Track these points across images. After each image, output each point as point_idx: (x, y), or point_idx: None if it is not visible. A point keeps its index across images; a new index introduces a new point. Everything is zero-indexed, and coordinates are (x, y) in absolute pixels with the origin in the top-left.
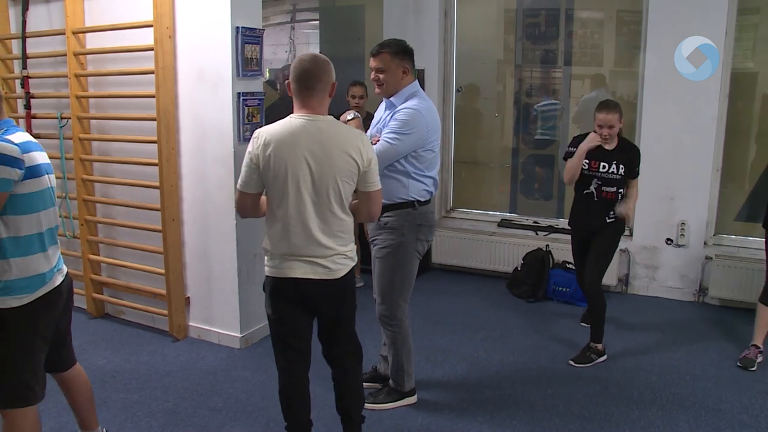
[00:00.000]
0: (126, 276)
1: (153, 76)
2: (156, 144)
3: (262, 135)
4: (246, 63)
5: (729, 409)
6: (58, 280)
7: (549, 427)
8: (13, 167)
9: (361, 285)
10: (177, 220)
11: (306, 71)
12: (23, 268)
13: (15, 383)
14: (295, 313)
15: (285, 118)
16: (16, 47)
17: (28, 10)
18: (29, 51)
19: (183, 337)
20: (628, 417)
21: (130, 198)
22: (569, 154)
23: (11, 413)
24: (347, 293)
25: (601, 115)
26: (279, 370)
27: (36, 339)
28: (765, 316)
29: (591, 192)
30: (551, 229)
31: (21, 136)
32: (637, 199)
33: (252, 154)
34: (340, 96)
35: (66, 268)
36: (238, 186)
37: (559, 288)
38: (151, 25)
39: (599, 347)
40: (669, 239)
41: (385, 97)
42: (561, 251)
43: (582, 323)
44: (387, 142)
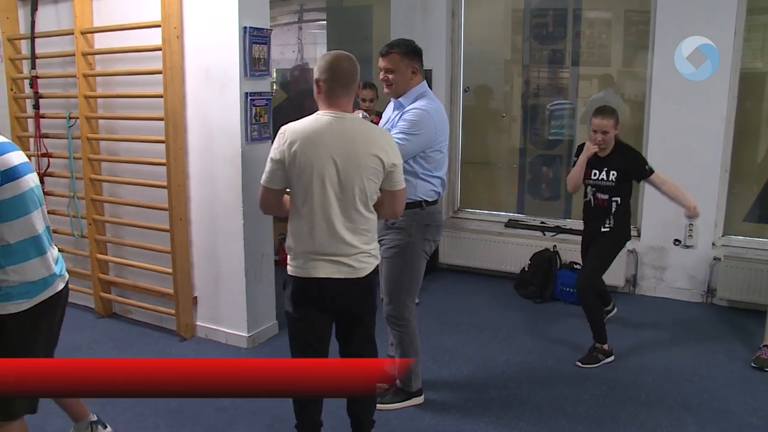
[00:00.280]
0: (133, 275)
1: (161, 76)
2: (164, 144)
3: (288, 131)
4: (254, 63)
5: (737, 411)
6: (59, 286)
7: (555, 428)
8: None
9: None
10: (184, 219)
11: (346, 70)
12: (21, 274)
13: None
14: (317, 313)
15: (311, 115)
16: (25, 47)
17: (37, 10)
18: (38, 51)
19: (190, 337)
20: (635, 418)
21: (137, 197)
22: (575, 163)
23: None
24: (370, 292)
25: (596, 120)
26: None
27: (36, 345)
28: None
29: (589, 199)
30: (558, 230)
31: None
32: (677, 187)
33: (278, 149)
34: None
35: (68, 275)
36: (261, 182)
37: (567, 289)
38: (159, 26)
39: (606, 347)
40: (677, 240)
41: (394, 98)
42: (568, 252)
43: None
44: (396, 142)
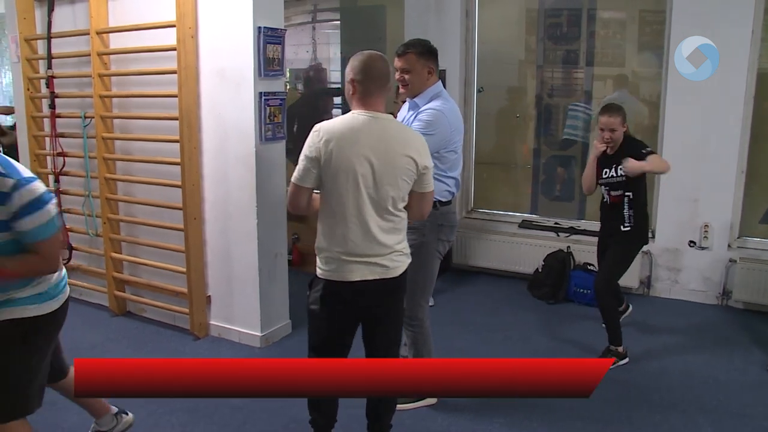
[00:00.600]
0: (147, 274)
1: (175, 75)
2: (178, 143)
3: (323, 129)
4: (268, 63)
5: (753, 415)
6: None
7: (569, 429)
8: None
9: None
10: (198, 219)
11: (380, 70)
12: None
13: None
14: (345, 314)
15: (346, 114)
16: (41, 48)
17: (53, 11)
18: (54, 51)
19: (204, 336)
20: (649, 420)
21: (152, 197)
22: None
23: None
24: (401, 293)
25: (603, 118)
26: None
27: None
28: None
29: (605, 199)
30: (572, 231)
31: None
32: (655, 168)
33: (312, 147)
34: None
35: (68, 288)
36: (293, 180)
37: (580, 290)
38: (174, 25)
39: (620, 350)
40: (692, 241)
41: (410, 98)
42: (582, 253)
43: (604, 325)
44: None
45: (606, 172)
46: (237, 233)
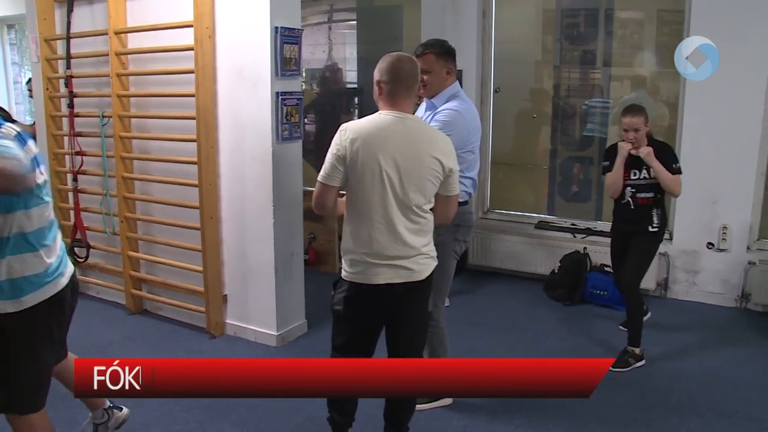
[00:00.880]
0: (164, 273)
1: (193, 75)
2: (195, 143)
3: (349, 129)
4: (285, 63)
5: None
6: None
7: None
8: None
9: None
10: (215, 218)
11: (407, 71)
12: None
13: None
14: (369, 316)
15: (373, 114)
16: (60, 48)
17: (72, 11)
18: (73, 51)
19: (220, 334)
20: (666, 424)
21: (169, 196)
22: (606, 168)
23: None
24: (426, 296)
25: (626, 119)
26: None
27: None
28: None
29: (627, 201)
30: (589, 232)
31: None
32: (667, 180)
33: (339, 146)
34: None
35: (70, 270)
36: (319, 179)
37: (597, 291)
38: (192, 26)
39: (637, 351)
40: (710, 243)
41: (428, 98)
42: (599, 254)
43: (621, 327)
44: None
45: (635, 173)
46: (253, 232)
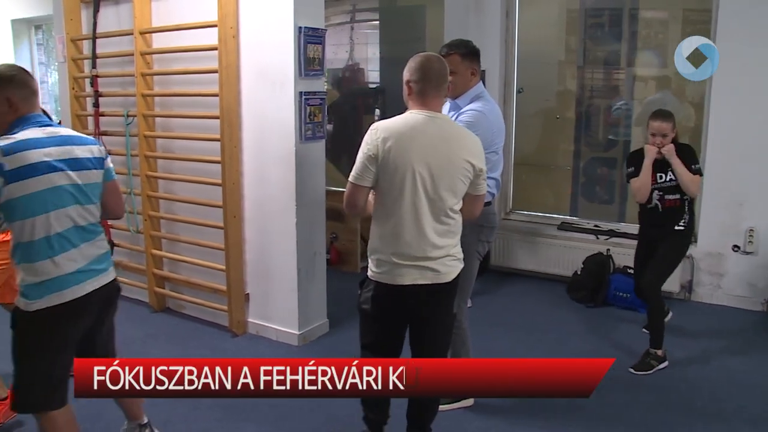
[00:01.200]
0: (187, 271)
1: (217, 75)
2: (219, 142)
3: (380, 128)
4: (308, 63)
5: None
6: (86, 288)
7: None
8: None
9: None
10: (238, 217)
11: (437, 71)
12: (30, 273)
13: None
14: (395, 316)
15: (403, 113)
16: (86, 48)
17: (98, 11)
18: (98, 51)
19: (242, 333)
20: (691, 428)
21: (192, 195)
22: (631, 174)
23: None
24: (452, 298)
25: (656, 124)
26: None
27: (47, 348)
28: None
29: (655, 205)
30: (612, 233)
31: (26, 134)
32: (687, 180)
33: (370, 145)
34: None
35: (106, 278)
36: (350, 179)
37: (620, 293)
38: (216, 26)
39: (659, 353)
40: (736, 246)
41: (452, 98)
42: (622, 256)
43: (644, 330)
44: None
45: (661, 177)
46: (276, 232)
